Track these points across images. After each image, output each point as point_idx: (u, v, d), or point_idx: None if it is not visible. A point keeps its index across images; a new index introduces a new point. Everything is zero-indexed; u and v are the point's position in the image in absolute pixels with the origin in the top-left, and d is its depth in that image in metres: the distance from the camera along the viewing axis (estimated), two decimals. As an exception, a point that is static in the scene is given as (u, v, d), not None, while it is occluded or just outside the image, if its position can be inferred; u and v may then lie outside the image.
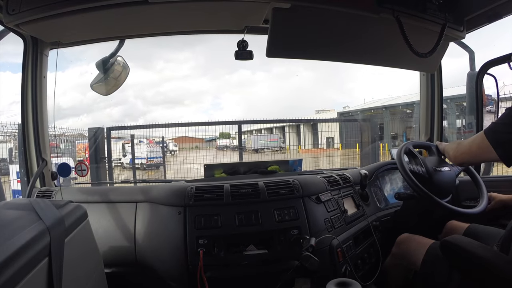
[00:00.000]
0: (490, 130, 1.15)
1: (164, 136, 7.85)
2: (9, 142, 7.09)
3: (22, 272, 0.74)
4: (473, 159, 1.34)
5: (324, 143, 8.86)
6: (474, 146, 1.23)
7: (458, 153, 1.30)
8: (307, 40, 1.52)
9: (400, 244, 1.49)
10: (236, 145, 16.88)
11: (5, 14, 1.34)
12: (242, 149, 7.73)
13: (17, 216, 0.90)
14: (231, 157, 11.22)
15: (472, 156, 1.27)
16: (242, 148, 7.77)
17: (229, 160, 10.06)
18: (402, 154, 1.56)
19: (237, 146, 15.03)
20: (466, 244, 1.17)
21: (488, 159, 1.47)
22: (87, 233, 1.13)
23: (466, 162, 1.36)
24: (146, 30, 1.74)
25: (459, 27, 1.63)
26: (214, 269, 1.36)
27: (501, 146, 1.11)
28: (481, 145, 1.17)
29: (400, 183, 2.04)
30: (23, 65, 1.71)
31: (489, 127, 1.17)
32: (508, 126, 1.11)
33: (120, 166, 8.69)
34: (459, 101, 9.06)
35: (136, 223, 1.53)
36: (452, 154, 1.44)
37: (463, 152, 1.29)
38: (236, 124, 6.87)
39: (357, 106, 21.41)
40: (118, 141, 7.30)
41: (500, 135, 1.12)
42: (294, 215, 1.45)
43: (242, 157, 7.62)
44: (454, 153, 1.41)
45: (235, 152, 14.33)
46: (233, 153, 12.93)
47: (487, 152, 1.15)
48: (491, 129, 1.15)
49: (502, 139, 1.11)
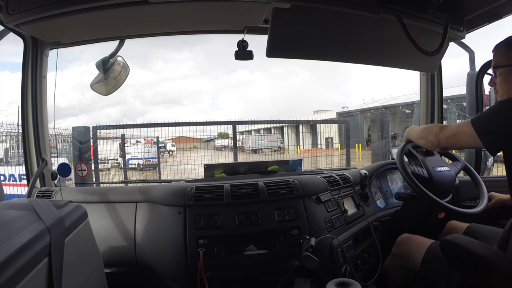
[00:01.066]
0: (477, 119, 1.17)
1: (158, 136, 7.81)
2: (5, 142, 7.07)
3: (22, 272, 0.73)
4: (457, 145, 1.35)
5: (323, 143, 8.86)
6: (460, 132, 1.23)
7: (443, 137, 1.28)
8: (307, 40, 1.52)
9: (400, 245, 1.49)
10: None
11: (5, 14, 1.33)
12: (237, 149, 7.76)
13: (17, 216, 0.90)
14: (230, 158, 11.22)
15: (457, 142, 1.27)
16: (237, 148, 7.81)
17: (227, 161, 10.06)
18: (402, 155, 1.56)
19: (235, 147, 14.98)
20: (465, 243, 1.17)
21: (472, 147, 1.56)
22: (87, 233, 1.13)
23: (450, 146, 1.34)
24: (146, 30, 1.74)
25: (459, 27, 1.63)
26: (214, 269, 1.36)
27: (485, 135, 1.13)
28: (467, 132, 1.18)
29: (400, 183, 2.04)
30: (23, 65, 1.71)
31: (477, 116, 1.19)
32: (495, 116, 1.14)
33: (117, 167, 8.67)
34: (459, 101, 9.08)
35: (136, 223, 1.53)
36: (419, 135, 1.44)
37: (448, 136, 1.27)
38: (231, 125, 6.84)
39: (356, 106, 21.44)
40: (115, 141, 7.28)
41: (486, 125, 1.14)
42: (294, 215, 1.45)
43: (237, 158, 7.64)
44: (428, 136, 1.37)
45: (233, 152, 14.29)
46: (231, 153, 12.92)
47: (472, 140, 1.17)
48: (479, 118, 1.17)
49: (487, 128, 1.13)
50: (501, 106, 1.15)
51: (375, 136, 7.07)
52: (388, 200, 1.95)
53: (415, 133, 1.49)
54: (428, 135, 1.36)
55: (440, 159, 1.67)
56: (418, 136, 1.45)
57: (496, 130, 1.12)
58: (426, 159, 1.62)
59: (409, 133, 1.55)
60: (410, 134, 1.54)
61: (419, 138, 1.44)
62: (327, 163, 8.24)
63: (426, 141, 1.37)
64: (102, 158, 7.37)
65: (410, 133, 1.54)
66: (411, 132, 1.53)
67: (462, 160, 1.72)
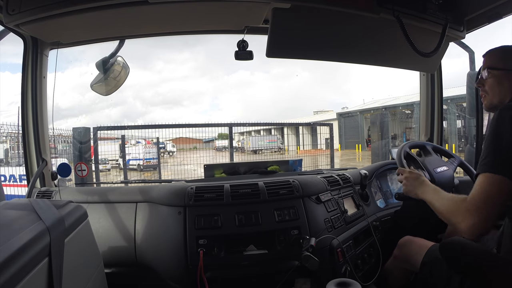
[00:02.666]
0: (485, 162, 1.00)
1: (159, 137, 7.87)
2: (5, 142, 7.07)
3: (22, 272, 0.73)
4: (494, 206, 0.98)
5: (323, 143, 8.88)
6: (486, 190, 0.97)
7: (474, 213, 0.98)
8: (307, 40, 1.52)
9: (402, 247, 1.49)
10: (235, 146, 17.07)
11: (5, 14, 1.34)
12: (233, 149, 7.93)
13: (17, 216, 0.90)
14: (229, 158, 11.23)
15: (492, 202, 0.97)
16: (233, 148, 7.97)
17: (226, 161, 10.08)
18: (402, 159, 1.56)
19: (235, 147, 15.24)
20: (464, 246, 1.17)
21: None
22: (87, 233, 1.13)
23: (490, 219, 0.98)
24: (146, 30, 1.74)
25: (459, 27, 1.63)
26: (214, 269, 1.36)
27: (507, 164, 0.96)
28: (491, 182, 0.97)
29: (400, 183, 2.04)
30: (23, 65, 1.71)
31: (481, 162, 1.01)
32: (495, 138, 1.00)
33: (117, 167, 8.67)
34: (459, 102, 9.09)
35: (136, 223, 1.53)
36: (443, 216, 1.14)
37: (479, 207, 0.98)
38: (228, 126, 6.96)
39: (356, 106, 21.49)
40: (115, 142, 7.28)
41: (497, 156, 0.98)
42: (294, 215, 1.45)
43: (233, 158, 7.78)
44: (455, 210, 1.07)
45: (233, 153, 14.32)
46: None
47: (506, 185, 0.95)
48: (485, 159, 1.00)
49: (502, 158, 0.97)
50: (491, 128, 1.02)
51: (375, 137, 7.11)
52: (388, 200, 1.95)
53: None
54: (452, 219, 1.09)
55: (439, 159, 1.67)
56: (444, 218, 1.15)
57: (508, 149, 0.97)
58: (426, 160, 1.62)
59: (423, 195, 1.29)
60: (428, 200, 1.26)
61: (447, 217, 1.13)
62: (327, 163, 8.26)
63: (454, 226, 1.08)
64: (102, 158, 7.38)
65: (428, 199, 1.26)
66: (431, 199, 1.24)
67: (458, 156, 1.72)
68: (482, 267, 1.10)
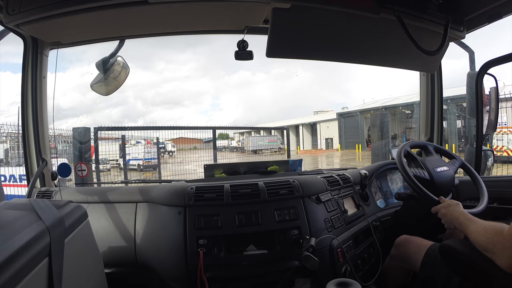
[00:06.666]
0: None
1: (159, 137, 7.96)
2: (5, 143, 7.06)
3: (22, 272, 0.73)
4: None
5: (323, 143, 8.89)
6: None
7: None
8: (307, 40, 1.52)
9: (399, 246, 1.49)
10: (234, 146, 17.13)
11: (5, 14, 1.34)
12: (216, 150, 8.64)
13: (17, 216, 0.90)
14: (229, 158, 11.24)
15: None
16: (216, 149, 8.71)
17: (226, 161, 10.11)
18: (402, 158, 1.56)
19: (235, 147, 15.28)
20: (464, 248, 1.17)
21: None
22: (87, 233, 1.13)
23: None
24: (146, 30, 1.74)
25: (459, 27, 1.63)
26: (214, 269, 1.36)
27: None
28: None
29: (400, 183, 2.04)
30: (23, 65, 1.71)
31: None
32: None
33: (117, 167, 8.68)
34: (459, 102, 9.09)
35: (136, 223, 1.53)
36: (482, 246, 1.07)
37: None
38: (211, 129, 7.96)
39: (357, 106, 21.47)
40: (116, 142, 7.30)
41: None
42: (294, 215, 1.45)
43: (217, 159, 8.38)
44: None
45: (233, 153, 14.39)
46: (231, 154, 12.95)
47: None
48: None
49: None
50: None
51: (375, 137, 7.12)
52: (388, 200, 1.95)
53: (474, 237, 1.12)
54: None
55: (439, 159, 1.67)
56: (481, 247, 1.08)
57: None
58: (426, 160, 1.62)
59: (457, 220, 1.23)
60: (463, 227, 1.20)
61: (484, 250, 1.07)
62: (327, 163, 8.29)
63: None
64: (103, 158, 7.39)
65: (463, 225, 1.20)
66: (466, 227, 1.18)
67: (460, 158, 1.72)
68: (482, 269, 1.10)
